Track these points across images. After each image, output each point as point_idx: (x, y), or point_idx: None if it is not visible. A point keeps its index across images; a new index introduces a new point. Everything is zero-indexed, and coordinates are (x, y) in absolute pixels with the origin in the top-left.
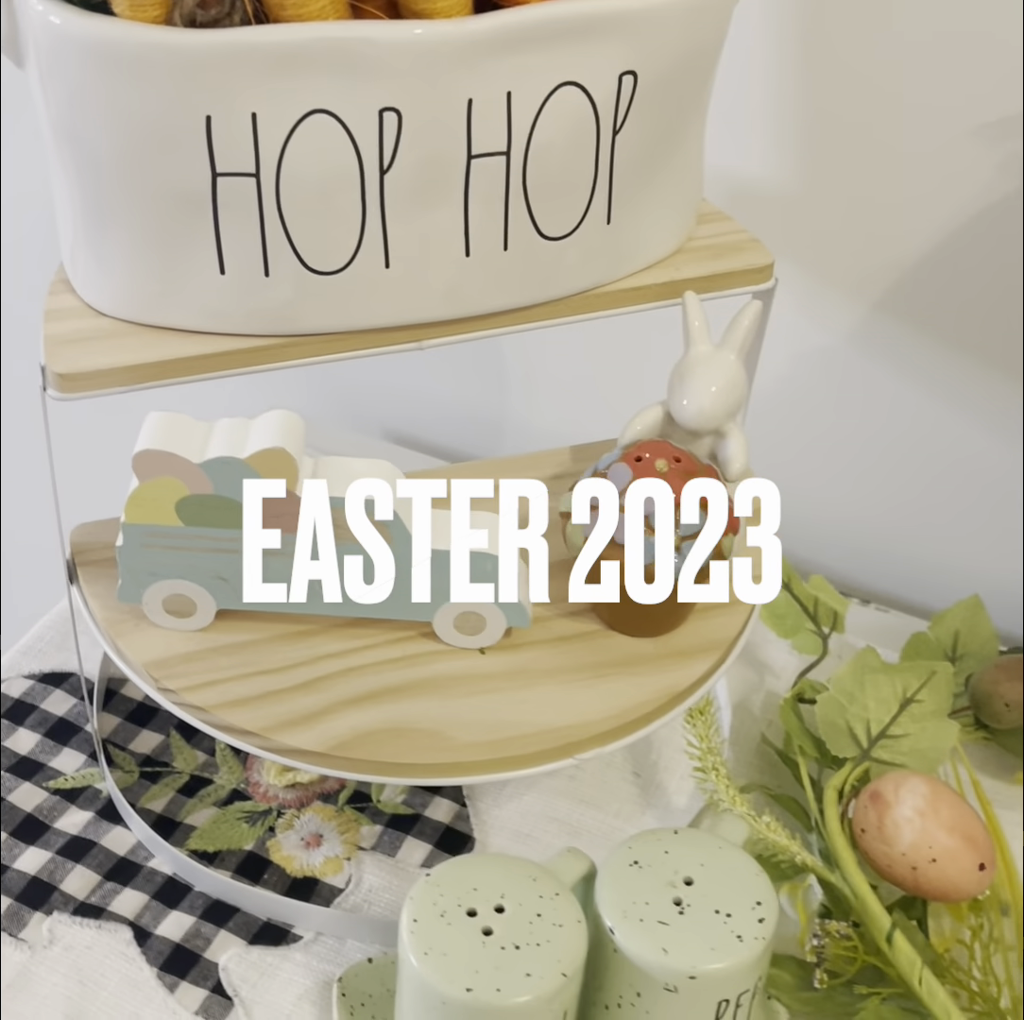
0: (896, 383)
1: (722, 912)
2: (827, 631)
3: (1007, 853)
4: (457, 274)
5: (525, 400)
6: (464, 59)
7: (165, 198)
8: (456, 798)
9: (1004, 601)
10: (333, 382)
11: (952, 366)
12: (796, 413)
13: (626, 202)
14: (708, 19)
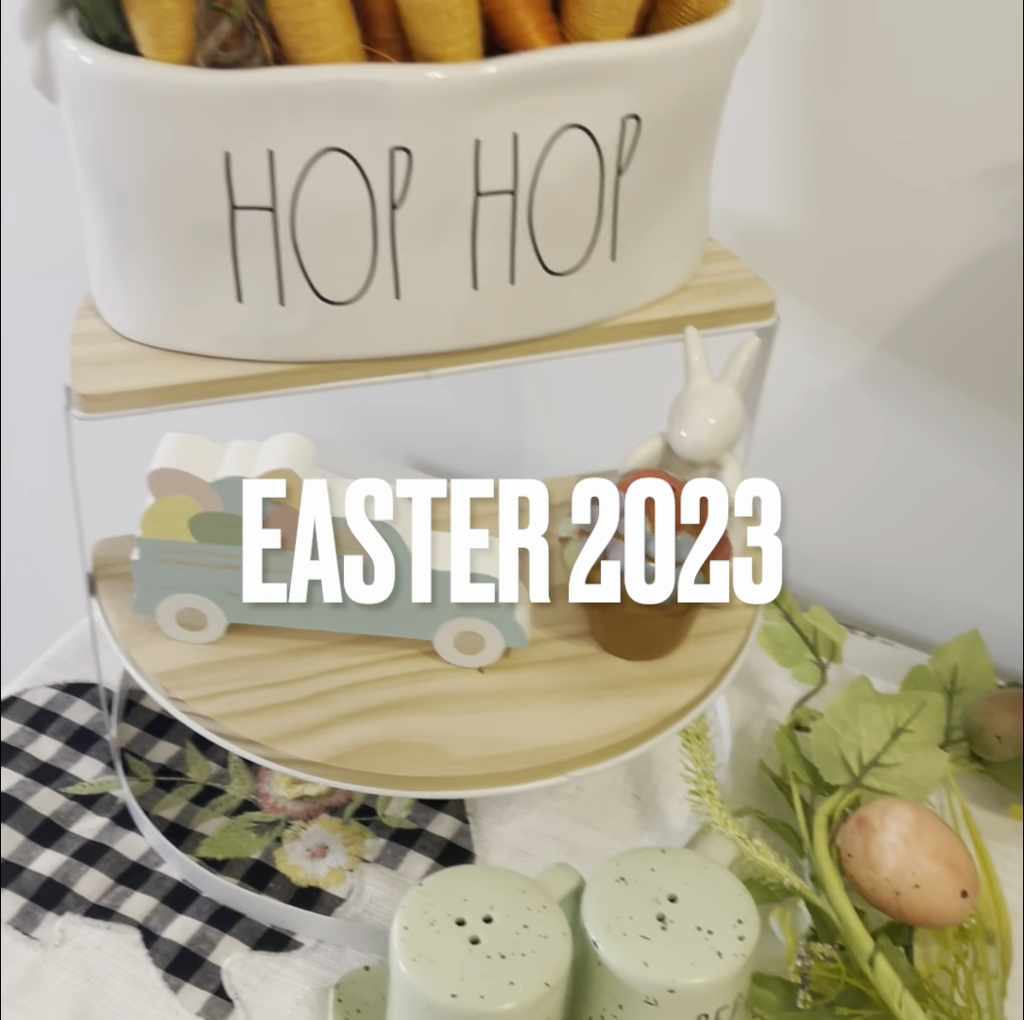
0: (900, 419)
1: (704, 929)
2: (825, 661)
3: (995, 882)
4: (465, 306)
5: (543, 429)
6: (472, 102)
7: (186, 229)
8: (459, 814)
9: (1004, 635)
10: (359, 407)
11: (954, 403)
12: (804, 447)
13: (630, 240)
14: (711, 65)
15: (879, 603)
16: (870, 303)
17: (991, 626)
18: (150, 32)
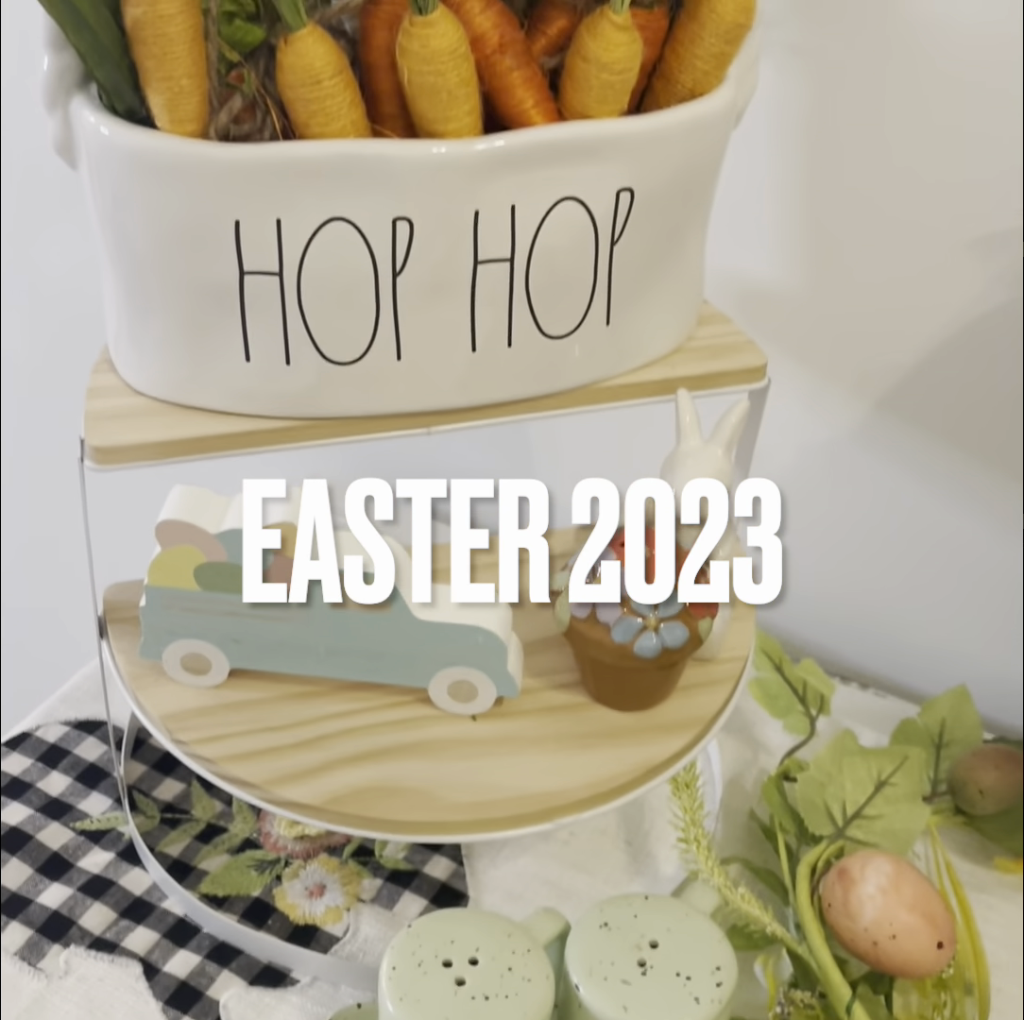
0: (893, 475)
1: (683, 975)
2: (815, 713)
3: (975, 934)
4: (464, 367)
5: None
6: (472, 175)
7: (197, 292)
8: (454, 857)
9: (994, 688)
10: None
11: (946, 461)
12: (800, 501)
13: (625, 305)
14: (705, 140)
15: (873, 654)
16: (865, 363)
17: (981, 678)
18: (165, 107)
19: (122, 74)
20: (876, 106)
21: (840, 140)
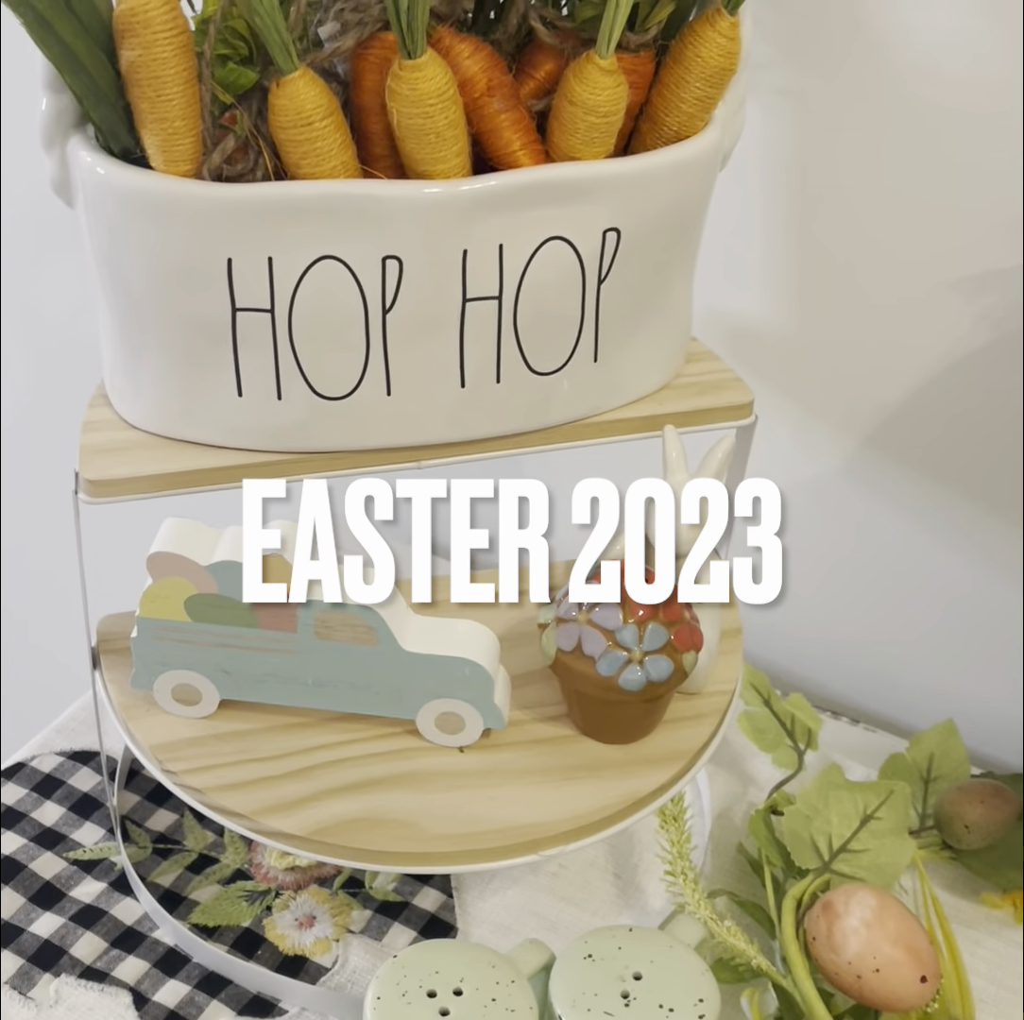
0: (883, 513)
1: (665, 1007)
2: (802, 747)
3: (961, 968)
4: (453, 403)
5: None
6: (460, 216)
7: (190, 328)
8: (444, 889)
9: (982, 723)
10: None
11: (932, 497)
12: (790, 538)
13: (612, 343)
14: (690, 182)
15: (863, 689)
16: (853, 401)
17: (969, 713)
18: (160, 147)
19: (118, 115)
20: (861, 147)
21: (826, 181)
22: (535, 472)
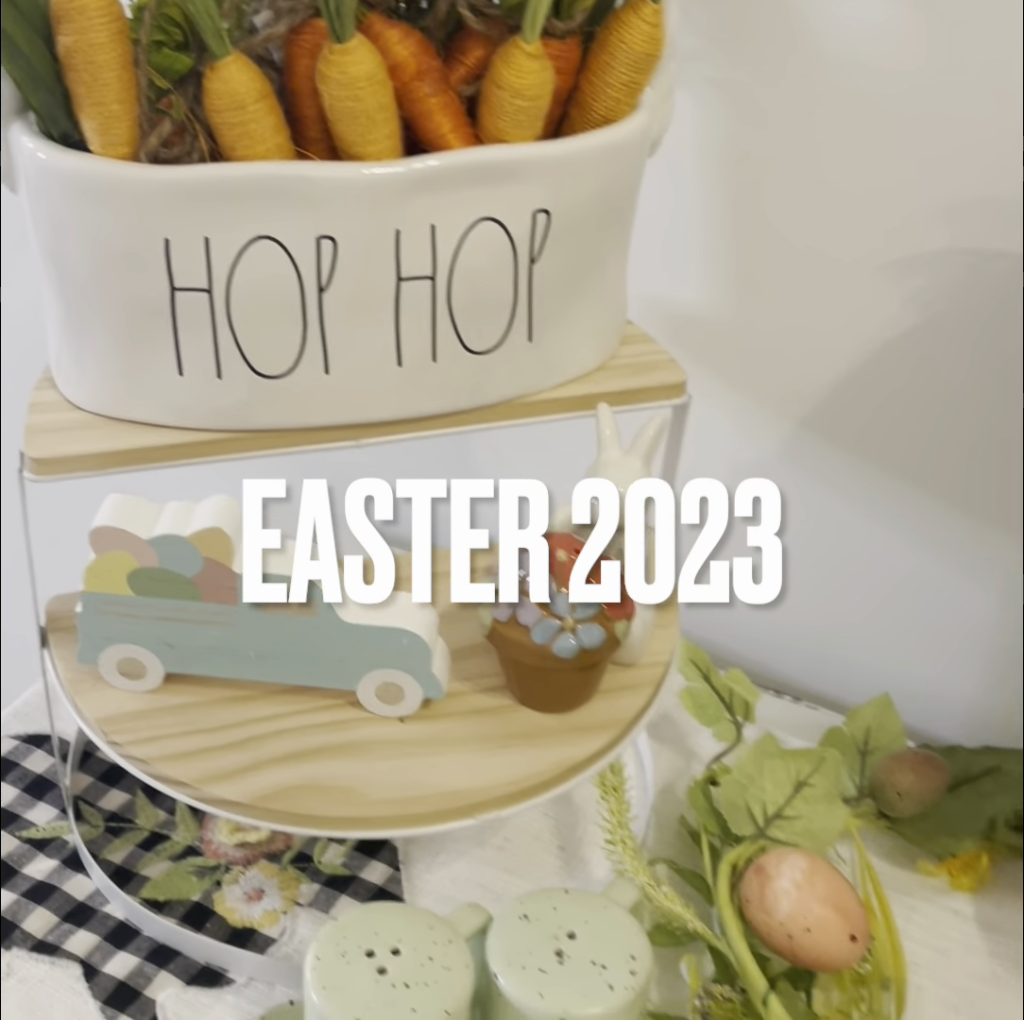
0: (821, 494)
1: (598, 964)
2: (741, 720)
3: (894, 931)
4: (391, 381)
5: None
6: (392, 196)
7: (131, 309)
8: (391, 862)
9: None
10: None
11: (865, 475)
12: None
13: (547, 323)
14: (618, 165)
15: (805, 669)
16: (790, 384)
17: (907, 691)
18: (97, 131)
19: (56, 100)
20: (791, 135)
21: (758, 169)
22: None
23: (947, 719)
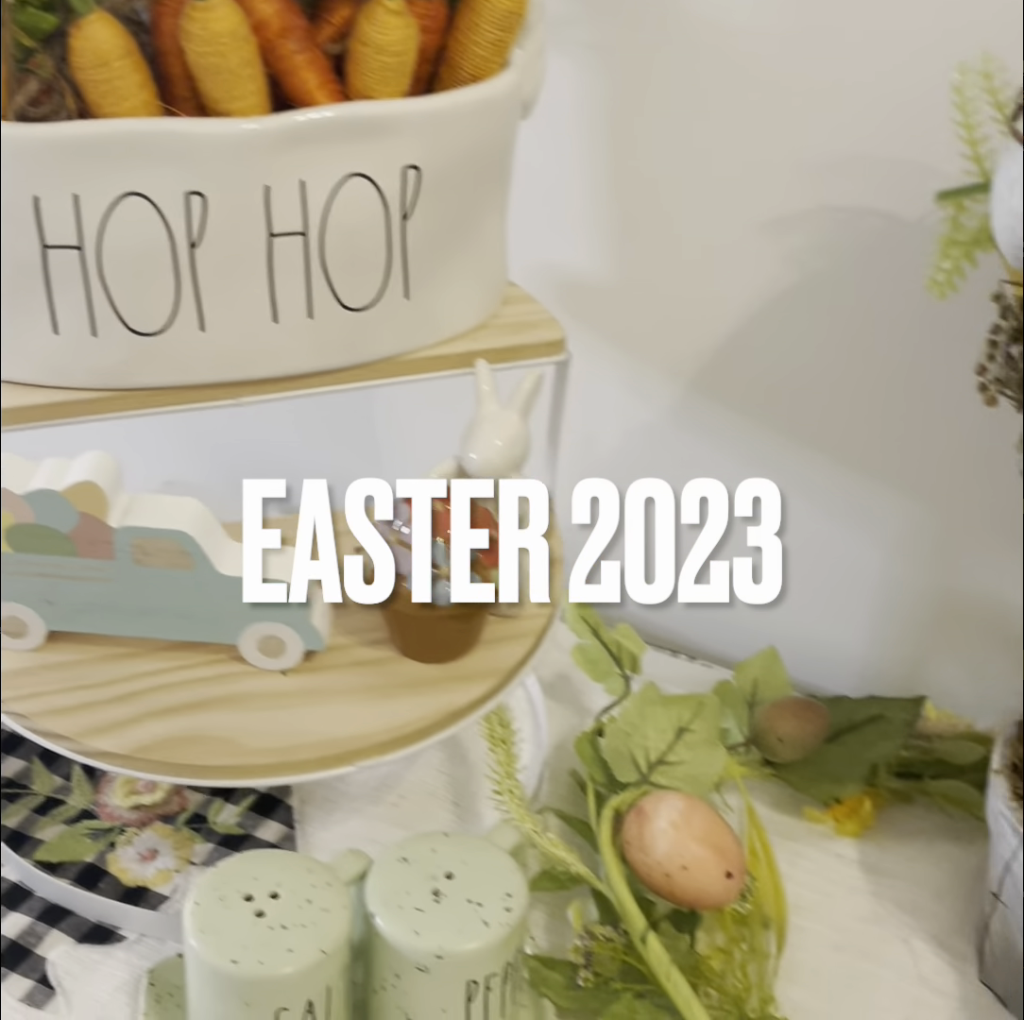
0: (709, 454)
1: (474, 901)
2: (629, 674)
3: (775, 873)
4: (267, 338)
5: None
6: (258, 152)
7: (4, 267)
8: (286, 821)
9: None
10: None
11: (758, 439)
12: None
13: (423, 280)
14: (488, 123)
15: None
16: (679, 347)
17: (799, 647)
18: None
19: None
20: (669, 99)
21: (638, 132)
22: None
23: (840, 674)
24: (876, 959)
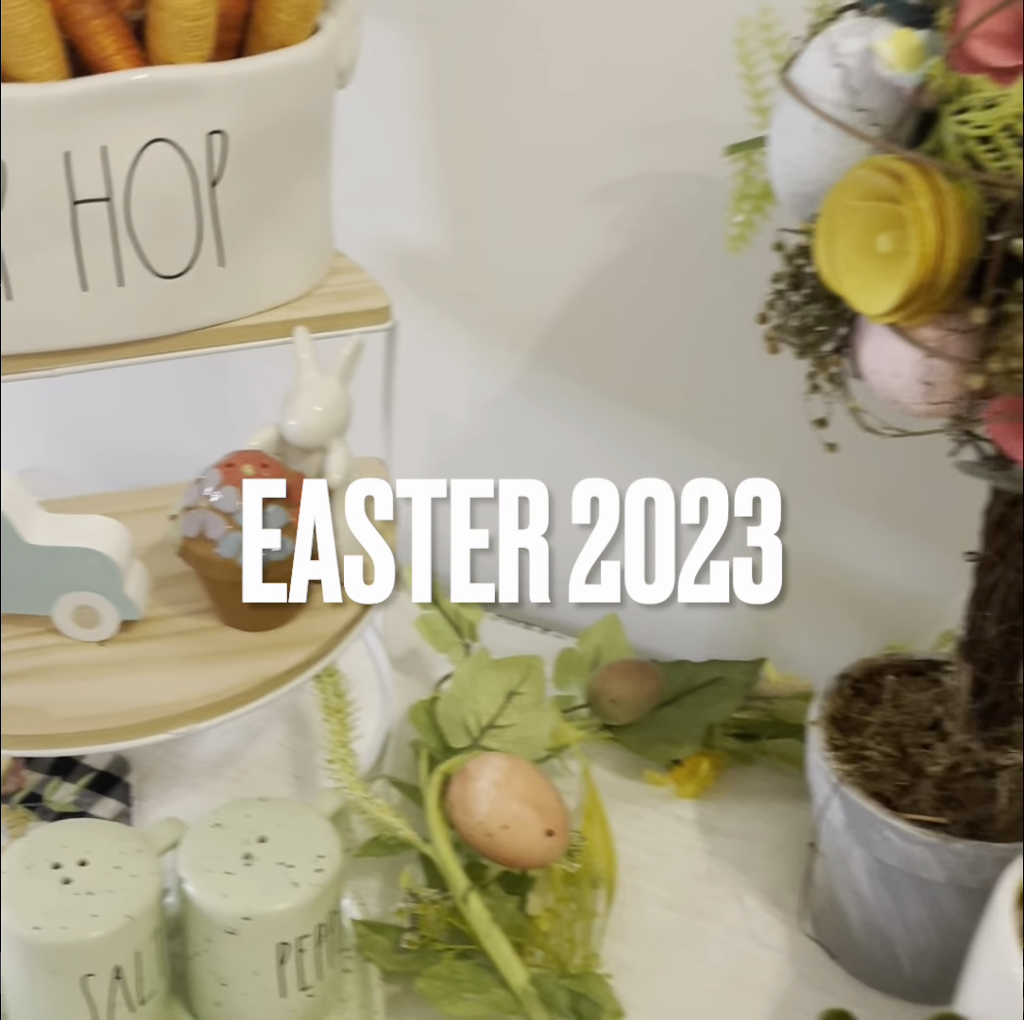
0: (552, 424)
1: (285, 864)
2: (468, 642)
3: (607, 832)
4: (79, 307)
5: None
6: (56, 118)
7: None
8: (123, 798)
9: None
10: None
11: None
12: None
13: (238, 247)
14: (298, 89)
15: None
16: (518, 319)
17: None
18: None
19: None
20: (494, 69)
21: (467, 103)
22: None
23: (690, 641)
24: (708, 917)
